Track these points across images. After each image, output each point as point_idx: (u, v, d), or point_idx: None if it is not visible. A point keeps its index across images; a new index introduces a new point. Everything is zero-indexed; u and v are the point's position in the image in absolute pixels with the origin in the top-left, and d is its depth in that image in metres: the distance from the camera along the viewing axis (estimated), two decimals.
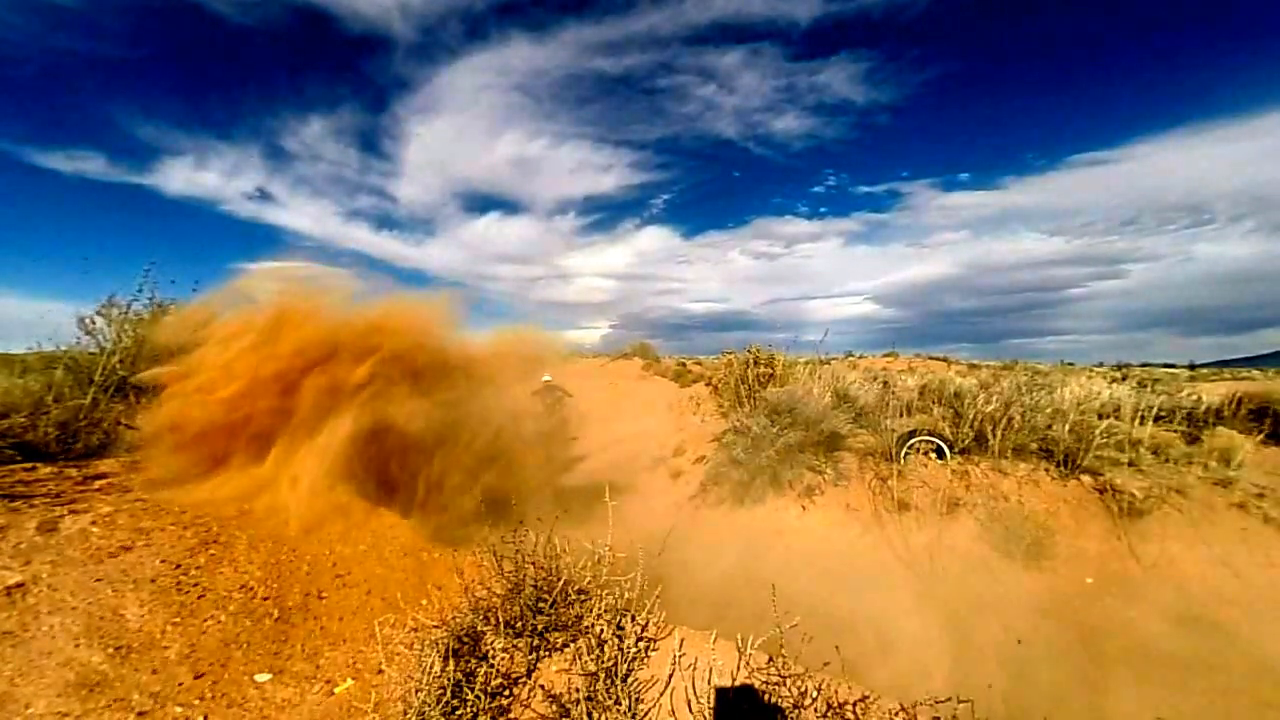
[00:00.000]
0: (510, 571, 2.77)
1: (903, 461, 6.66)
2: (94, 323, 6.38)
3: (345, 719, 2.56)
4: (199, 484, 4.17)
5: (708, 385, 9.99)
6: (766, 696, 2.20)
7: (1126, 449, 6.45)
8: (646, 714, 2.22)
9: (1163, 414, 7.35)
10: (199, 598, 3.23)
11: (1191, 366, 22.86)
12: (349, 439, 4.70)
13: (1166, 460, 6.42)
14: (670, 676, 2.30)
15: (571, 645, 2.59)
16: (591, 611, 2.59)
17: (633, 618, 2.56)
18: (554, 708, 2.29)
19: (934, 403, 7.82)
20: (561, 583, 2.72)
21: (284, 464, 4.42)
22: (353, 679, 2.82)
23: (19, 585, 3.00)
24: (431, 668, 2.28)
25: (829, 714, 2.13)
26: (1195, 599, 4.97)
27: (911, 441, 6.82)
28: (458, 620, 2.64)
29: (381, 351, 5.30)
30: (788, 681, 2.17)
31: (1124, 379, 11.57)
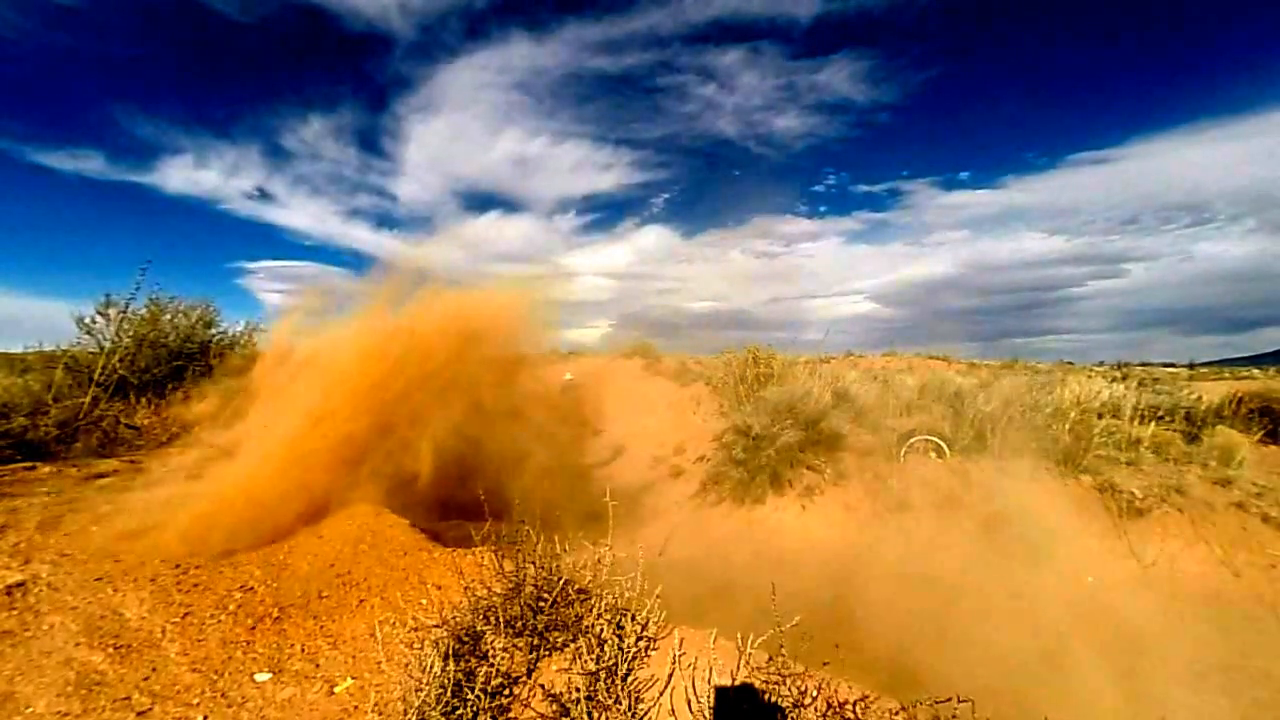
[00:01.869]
0: (510, 571, 2.77)
1: (902, 461, 6.67)
2: (94, 322, 6.39)
3: (345, 718, 2.56)
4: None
5: (708, 384, 9.98)
6: (766, 695, 2.19)
7: (1126, 448, 6.46)
8: (646, 713, 2.22)
9: (1162, 413, 7.36)
10: (199, 597, 3.24)
11: (1191, 365, 22.83)
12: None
13: (1166, 459, 6.43)
14: (670, 676, 2.30)
15: (571, 644, 2.59)
16: (592, 611, 2.59)
17: (633, 617, 2.56)
18: (554, 707, 2.29)
19: (933, 402, 7.83)
20: (561, 582, 2.72)
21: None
22: (352, 678, 2.82)
23: (19, 584, 3.01)
24: (431, 667, 2.28)
25: (829, 713, 2.13)
26: (1195, 598, 4.98)
27: (911, 441, 6.83)
28: (458, 619, 2.64)
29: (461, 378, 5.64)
30: (788, 680, 2.17)
31: (1124, 378, 11.55)
